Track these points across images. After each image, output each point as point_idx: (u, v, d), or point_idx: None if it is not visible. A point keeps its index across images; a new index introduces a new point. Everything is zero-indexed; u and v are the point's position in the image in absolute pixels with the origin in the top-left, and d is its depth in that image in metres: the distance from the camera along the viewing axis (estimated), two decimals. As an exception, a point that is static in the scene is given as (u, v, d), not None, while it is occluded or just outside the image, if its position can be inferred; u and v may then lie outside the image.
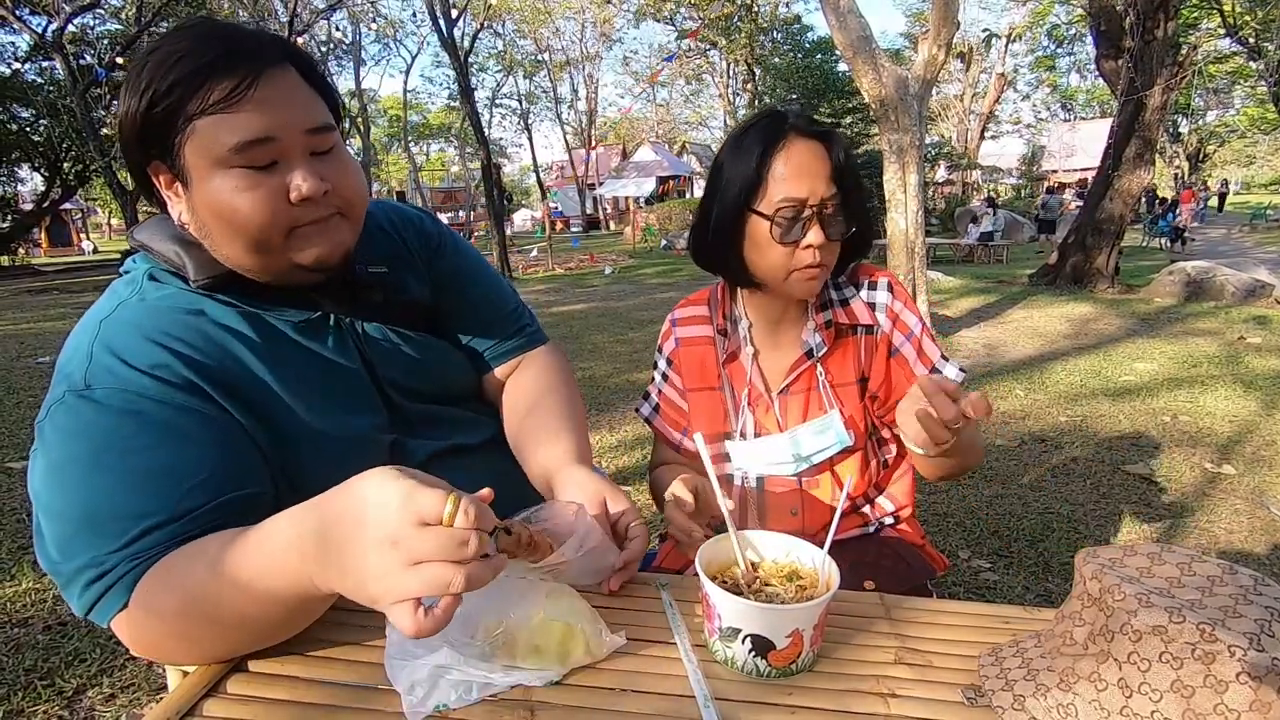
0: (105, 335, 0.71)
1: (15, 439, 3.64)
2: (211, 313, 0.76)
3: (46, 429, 0.68)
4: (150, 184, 0.75)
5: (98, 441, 0.66)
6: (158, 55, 0.68)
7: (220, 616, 0.61)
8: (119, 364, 0.68)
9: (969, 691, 0.63)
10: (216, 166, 0.69)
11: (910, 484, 1.16)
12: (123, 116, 0.70)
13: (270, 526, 0.58)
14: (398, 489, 0.50)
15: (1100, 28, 8.68)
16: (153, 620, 0.63)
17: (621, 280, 11.94)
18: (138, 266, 0.79)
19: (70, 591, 0.65)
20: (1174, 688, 0.52)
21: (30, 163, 19.40)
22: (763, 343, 1.11)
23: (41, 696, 1.70)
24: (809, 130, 0.98)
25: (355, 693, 0.62)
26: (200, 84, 0.67)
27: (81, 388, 0.67)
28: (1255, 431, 3.52)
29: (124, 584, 0.63)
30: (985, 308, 7.67)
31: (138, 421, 0.67)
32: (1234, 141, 37.73)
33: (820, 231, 0.97)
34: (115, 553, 0.63)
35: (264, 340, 0.77)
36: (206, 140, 0.68)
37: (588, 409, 4.55)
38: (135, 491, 0.65)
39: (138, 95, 0.68)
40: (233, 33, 0.71)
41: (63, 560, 0.65)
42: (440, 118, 39.67)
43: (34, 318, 8.92)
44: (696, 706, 0.60)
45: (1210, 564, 0.60)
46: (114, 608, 0.64)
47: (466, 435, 0.93)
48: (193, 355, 0.71)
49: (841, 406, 1.06)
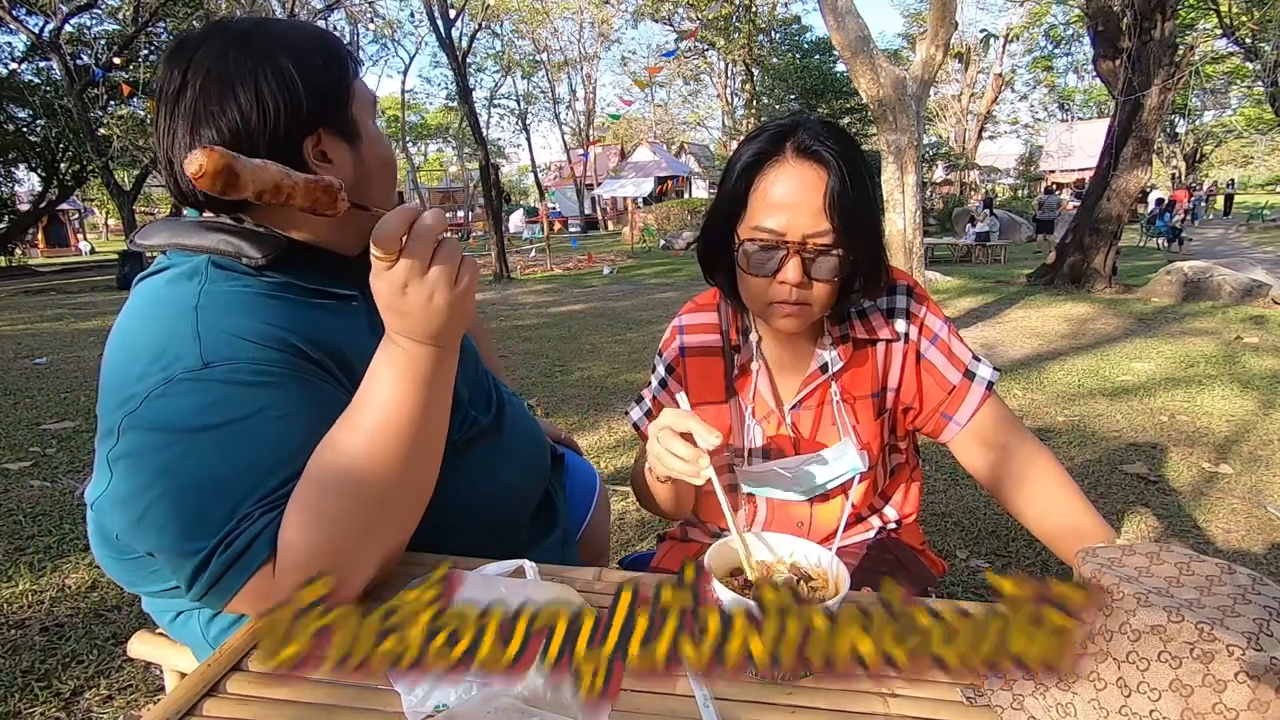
0: (210, 318, 0.72)
1: (13, 440, 3.62)
2: (292, 291, 0.80)
3: (150, 416, 0.68)
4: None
5: (229, 413, 0.68)
6: (306, 39, 0.78)
7: (382, 453, 0.67)
8: (238, 340, 0.71)
9: (968, 691, 0.63)
10: (369, 119, 0.83)
11: (916, 491, 1.13)
12: (290, 85, 0.75)
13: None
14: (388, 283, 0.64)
15: (1098, 28, 8.69)
16: (316, 531, 0.66)
17: (620, 280, 11.94)
18: (181, 261, 0.79)
19: (202, 570, 0.67)
20: (1172, 687, 0.52)
21: (27, 163, 19.37)
22: (775, 356, 1.05)
23: (39, 698, 1.69)
24: (807, 151, 0.86)
25: (355, 693, 0.62)
26: (350, 55, 0.82)
27: (199, 367, 0.69)
28: (1253, 431, 3.53)
29: (266, 535, 0.66)
30: (983, 308, 7.68)
31: (268, 391, 0.70)
32: (1231, 142, 37.83)
33: (799, 270, 0.87)
34: (261, 502, 0.67)
35: (342, 318, 0.82)
36: (364, 96, 0.83)
37: (586, 409, 4.51)
38: (271, 453, 0.69)
39: (318, 64, 0.77)
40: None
41: (187, 540, 0.66)
42: (438, 118, 39.66)
43: (31, 319, 8.90)
44: (696, 706, 0.61)
45: (1208, 563, 0.60)
46: (257, 562, 0.66)
47: (482, 411, 0.97)
48: (300, 328, 0.75)
49: (855, 425, 1.01)
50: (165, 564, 0.70)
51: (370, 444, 0.67)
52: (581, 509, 1.22)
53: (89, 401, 4.34)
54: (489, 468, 0.93)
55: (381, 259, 0.63)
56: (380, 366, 0.68)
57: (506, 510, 0.96)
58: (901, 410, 1.05)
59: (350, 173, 0.80)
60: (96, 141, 12.88)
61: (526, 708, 0.54)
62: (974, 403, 1.01)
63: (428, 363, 0.68)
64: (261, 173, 0.56)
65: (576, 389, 4.69)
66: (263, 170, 0.56)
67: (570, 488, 1.21)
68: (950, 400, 1.02)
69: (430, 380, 0.69)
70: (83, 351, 6.24)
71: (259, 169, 0.55)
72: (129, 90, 12.47)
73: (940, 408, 1.03)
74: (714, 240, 0.96)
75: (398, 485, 0.69)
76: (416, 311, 0.65)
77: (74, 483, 3.03)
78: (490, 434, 0.95)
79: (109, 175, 13.33)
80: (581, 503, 1.22)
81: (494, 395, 1.01)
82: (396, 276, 0.63)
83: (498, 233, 13.06)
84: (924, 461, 1.33)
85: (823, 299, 0.91)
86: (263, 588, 0.67)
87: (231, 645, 0.67)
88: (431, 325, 0.66)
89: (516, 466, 0.97)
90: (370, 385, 0.68)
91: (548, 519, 1.06)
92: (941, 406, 1.03)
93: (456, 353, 0.73)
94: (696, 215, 21.04)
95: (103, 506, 0.73)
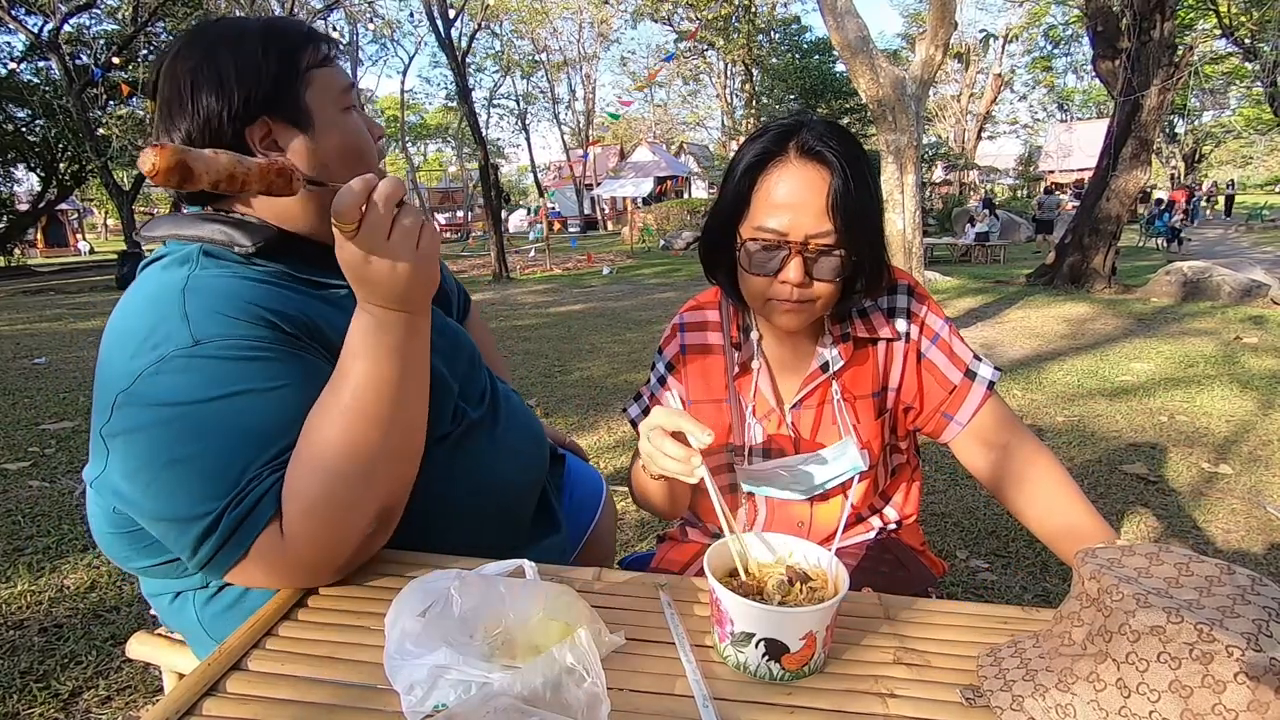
0: (197, 299, 0.74)
1: (12, 440, 3.62)
2: (280, 279, 0.81)
3: (147, 393, 0.69)
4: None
5: (226, 386, 0.70)
6: (250, 33, 0.79)
7: (369, 412, 0.70)
8: (224, 319, 0.72)
9: (967, 692, 0.63)
10: (336, 108, 0.83)
11: (917, 492, 1.13)
12: (225, 79, 0.76)
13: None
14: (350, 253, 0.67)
15: (1097, 28, 8.70)
16: (315, 486, 0.69)
17: (620, 280, 11.94)
18: (177, 249, 0.82)
19: (211, 531, 0.68)
20: (1172, 688, 0.52)
21: (26, 163, 19.36)
22: (775, 355, 1.04)
23: (37, 699, 1.69)
24: (810, 151, 0.87)
25: (355, 693, 0.62)
26: (305, 44, 0.81)
27: (189, 344, 0.70)
28: (1252, 431, 3.53)
29: (273, 493, 0.69)
30: (982, 308, 7.68)
31: (260, 365, 0.72)
32: (1230, 142, 37.85)
33: (800, 270, 0.87)
34: (264, 466, 0.69)
35: (329, 304, 0.83)
36: (327, 83, 0.82)
37: (586, 409, 4.52)
38: (273, 421, 0.71)
39: (256, 56, 0.77)
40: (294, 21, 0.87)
41: (198, 503, 0.68)
42: (438, 118, 39.66)
43: (30, 319, 8.90)
44: (695, 706, 0.61)
45: (1208, 564, 0.60)
46: (265, 517, 0.69)
47: (474, 406, 0.98)
48: (285, 310, 0.77)
49: (856, 424, 1.01)
50: (171, 533, 0.71)
51: (352, 413, 0.69)
52: (587, 516, 1.21)
53: (88, 401, 4.31)
54: (480, 462, 0.93)
55: (342, 229, 0.65)
56: (354, 336, 0.71)
57: (501, 504, 0.96)
58: (902, 410, 1.05)
59: (305, 160, 0.80)
60: (96, 141, 12.87)
61: (526, 708, 0.54)
62: (975, 402, 1.01)
63: (400, 329, 0.71)
64: (213, 162, 0.58)
65: (576, 389, 4.69)
66: (214, 160, 0.58)
67: (575, 494, 1.21)
68: (951, 400, 1.02)
69: (404, 345, 0.72)
70: (82, 351, 6.24)
71: (210, 159, 0.58)
72: (128, 90, 12.47)
73: (941, 407, 1.03)
74: (716, 239, 0.96)
75: (385, 439, 0.72)
76: (382, 279, 0.67)
77: (73, 483, 3.03)
78: (481, 428, 0.95)
79: (108, 175, 13.31)
80: (587, 509, 1.22)
81: (489, 390, 1.01)
82: (359, 246, 0.65)
83: (497, 233, 13.05)
84: (924, 461, 1.33)
85: (824, 298, 0.91)
86: (271, 544, 0.69)
87: (231, 645, 0.67)
88: (397, 290, 0.68)
89: (511, 461, 0.97)
90: (347, 356, 0.71)
91: (545, 522, 1.05)
92: (942, 406, 1.03)
93: (428, 317, 0.76)
94: (696, 215, 21.05)
95: (104, 484, 0.74)
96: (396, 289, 0.68)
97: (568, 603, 0.67)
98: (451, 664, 0.59)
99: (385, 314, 0.70)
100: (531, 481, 1.02)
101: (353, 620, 0.72)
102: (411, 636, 0.60)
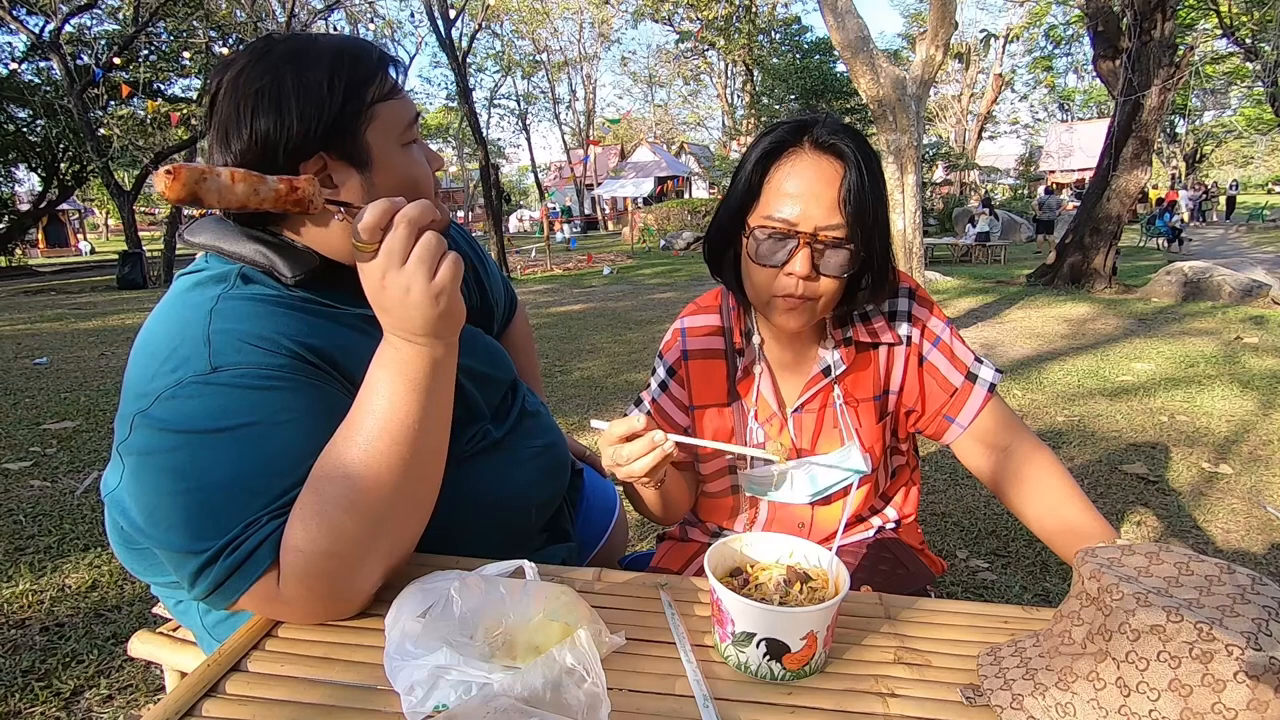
0: (222, 322, 0.72)
1: (13, 440, 3.62)
2: (317, 307, 0.79)
3: (162, 416, 0.68)
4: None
5: (236, 417, 0.68)
6: (319, 58, 0.75)
7: (380, 463, 0.67)
8: (246, 346, 0.71)
9: (968, 691, 0.63)
10: (399, 143, 0.79)
11: (916, 492, 1.13)
12: (285, 109, 0.73)
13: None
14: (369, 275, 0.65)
15: (1098, 28, 8.69)
16: (319, 539, 0.66)
17: (620, 281, 11.93)
18: (216, 266, 0.80)
19: (207, 570, 0.67)
20: (1172, 687, 0.52)
21: (27, 163, 19.36)
22: (777, 359, 1.04)
23: (39, 698, 1.69)
24: (824, 144, 0.87)
25: (355, 693, 0.62)
26: (374, 75, 0.77)
27: (206, 370, 0.69)
28: (1252, 431, 3.53)
29: (271, 542, 0.67)
30: (983, 308, 7.67)
31: (275, 395, 0.70)
32: (1231, 142, 37.83)
33: (807, 262, 0.86)
34: (268, 507, 0.67)
35: (363, 335, 0.80)
36: (391, 119, 0.78)
37: (586, 409, 4.52)
38: (279, 457, 0.69)
39: (322, 88, 0.73)
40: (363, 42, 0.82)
41: (196, 539, 0.67)
42: (438, 118, 39.63)
43: (31, 319, 8.90)
44: (696, 706, 0.61)
45: (1208, 563, 0.60)
46: (262, 567, 0.67)
47: (496, 426, 0.98)
48: (314, 341, 0.75)
49: (858, 428, 1.01)
50: (170, 561, 0.71)
51: (367, 452, 0.67)
52: (599, 529, 1.20)
53: (89, 401, 4.33)
54: (497, 476, 0.93)
55: (362, 250, 0.63)
56: (375, 369, 0.69)
57: (514, 520, 0.95)
58: (903, 413, 1.05)
59: (359, 197, 0.77)
60: (96, 141, 12.87)
61: (526, 708, 0.54)
62: (976, 405, 1.01)
63: (419, 362, 0.67)
64: (228, 192, 0.58)
65: (576, 389, 4.69)
66: (229, 189, 0.58)
67: (588, 507, 1.20)
68: (952, 403, 1.02)
69: (424, 382, 0.68)
70: (83, 351, 6.24)
71: (225, 189, 0.57)
72: (129, 90, 12.47)
73: (942, 410, 1.03)
74: (723, 229, 0.96)
75: (396, 493, 0.69)
76: (395, 305, 0.65)
77: (74, 483, 3.03)
78: (501, 448, 0.94)
79: (109, 175, 13.31)
80: (599, 522, 1.21)
81: (517, 408, 1.00)
82: (375, 268, 0.64)
83: (498, 233, 13.06)
84: (924, 462, 1.32)
85: (828, 295, 0.91)
86: (267, 591, 0.67)
87: (231, 645, 0.67)
88: (412, 319, 0.65)
89: (527, 479, 0.97)
90: (365, 390, 0.69)
91: (556, 534, 1.05)
92: (944, 409, 1.03)
93: (452, 352, 0.71)
94: (696, 215, 21.02)
95: (117, 498, 0.74)
96: (410, 318, 0.65)
97: (568, 603, 0.67)
98: (452, 664, 0.59)
99: (404, 345, 0.67)
100: (546, 500, 1.01)
101: (352, 621, 0.72)
102: (412, 637, 0.60)
